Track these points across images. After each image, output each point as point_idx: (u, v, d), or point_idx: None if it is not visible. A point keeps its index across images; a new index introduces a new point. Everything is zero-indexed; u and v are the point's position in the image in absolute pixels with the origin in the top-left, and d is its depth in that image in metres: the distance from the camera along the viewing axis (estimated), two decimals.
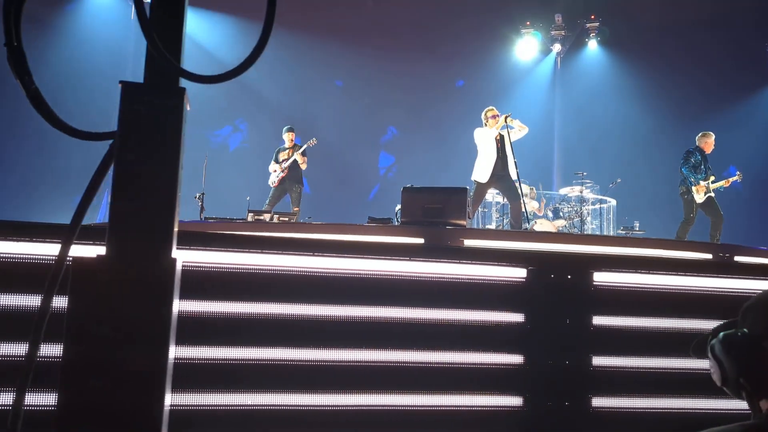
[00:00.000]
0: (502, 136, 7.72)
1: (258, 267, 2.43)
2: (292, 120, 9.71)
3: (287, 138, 9.55)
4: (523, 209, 7.73)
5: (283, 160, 9.37)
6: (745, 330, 1.37)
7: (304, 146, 9.37)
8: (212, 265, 2.39)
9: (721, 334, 1.41)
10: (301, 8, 13.94)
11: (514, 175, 7.70)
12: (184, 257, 2.33)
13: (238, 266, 2.41)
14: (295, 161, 9.27)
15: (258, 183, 9.17)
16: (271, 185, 9.41)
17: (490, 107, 7.98)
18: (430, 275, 2.58)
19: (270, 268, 2.44)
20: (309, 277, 2.47)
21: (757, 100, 14.50)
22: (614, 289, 2.74)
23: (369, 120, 14.78)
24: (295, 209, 8.95)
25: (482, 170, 7.63)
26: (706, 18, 13.74)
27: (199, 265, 2.37)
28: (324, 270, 2.49)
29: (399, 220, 6.66)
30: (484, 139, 7.69)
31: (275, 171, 9.35)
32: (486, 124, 7.82)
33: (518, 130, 7.77)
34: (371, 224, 6.42)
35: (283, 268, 2.46)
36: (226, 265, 2.40)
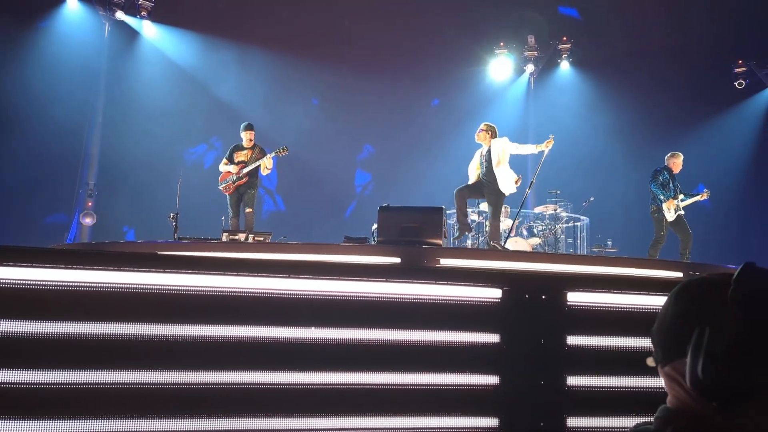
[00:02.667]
0: (489, 150, 7.71)
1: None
2: (266, 137, 8.86)
3: (246, 137, 8.21)
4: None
5: (239, 162, 8.12)
6: None
7: (273, 153, 8.10)
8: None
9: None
10: (278, 27, 14.01)
11: (506, 191, 7.70)
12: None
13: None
14: (254, 168, 8.04)
15: None
16: (225, 192, 8.16)
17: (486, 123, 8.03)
18: (406, 296, 2.58)
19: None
20: (288, 299, 2.45)
21: (723, 121, 14.89)
22: (587, 309, 2.77)
23: (345, 138, 14.83)
24: (249, 210, 8.01)
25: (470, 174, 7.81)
26: (674, 42, 14.12)
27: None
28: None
29: (375, 239, 6.66)
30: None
31: (231, 174, 8.09)
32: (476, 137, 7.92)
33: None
34: (347, 244, 6.41)
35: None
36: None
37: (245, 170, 8.05)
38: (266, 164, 8.05)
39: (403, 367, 2.51)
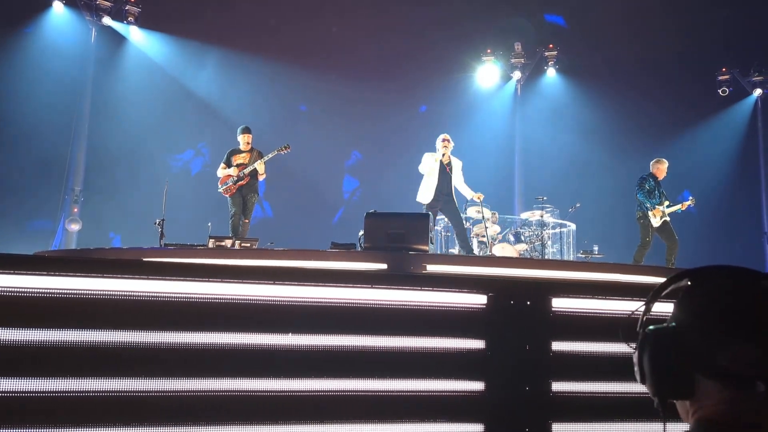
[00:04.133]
0: (450, 162, 7.96)
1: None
2: (254, 143, 8.86)
3: (243, 140, 8.35)
4: (485, 233, 7.89)
5: (239, 164, 8.20)
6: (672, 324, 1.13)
7: (275, 152, 8.17)
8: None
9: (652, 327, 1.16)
10: (266, 34, 14.01)
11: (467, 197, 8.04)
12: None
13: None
14: (254, 169, 8.14)
15: (220, 208, 8.83)
16: (226, 194, 8.20)
17: (445, 134, 8.22)
18: (392, 302, 2.58)
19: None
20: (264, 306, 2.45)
21: (708, 128, 15.05)
22: (572, 315, 2.78)
23: (333, 144, 14.83)
24: (246, 221, 8.10)
25: (425, 192, 7.94)
26: (659, 50, 14.28)
27: None
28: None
29: (362, 245, 6.66)
30: (427, 163, 7.96)
31: (231, 177, 8.13)
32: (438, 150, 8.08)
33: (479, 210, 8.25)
34: (334, 250, 6.40)
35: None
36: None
37: (245, 171, 8.13)
38: (259, 170, 8.12)
39: (388, 374, 2.51)
